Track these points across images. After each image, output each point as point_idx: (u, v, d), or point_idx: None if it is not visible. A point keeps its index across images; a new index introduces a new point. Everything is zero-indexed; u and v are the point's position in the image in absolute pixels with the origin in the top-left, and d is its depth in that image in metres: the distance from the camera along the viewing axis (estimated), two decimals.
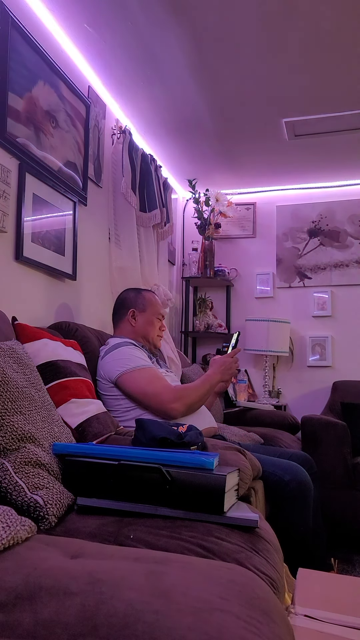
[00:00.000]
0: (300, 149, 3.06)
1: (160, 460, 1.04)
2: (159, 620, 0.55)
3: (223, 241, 3.84)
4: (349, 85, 2.41)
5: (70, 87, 2.15)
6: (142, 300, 2.06)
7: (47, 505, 0.96)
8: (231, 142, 3.01)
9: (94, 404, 1.55)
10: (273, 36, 2.08)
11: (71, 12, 1.96)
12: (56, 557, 0.72)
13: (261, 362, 3.65)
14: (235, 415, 2.95)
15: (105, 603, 0.57)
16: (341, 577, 1.21)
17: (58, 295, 2.10)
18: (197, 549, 0.90)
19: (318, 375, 3.56)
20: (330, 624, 0.92)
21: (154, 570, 0.67)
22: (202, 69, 2.31)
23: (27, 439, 1.07)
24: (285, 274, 3.71)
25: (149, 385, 1.73)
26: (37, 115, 1.90)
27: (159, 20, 1.99)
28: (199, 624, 0.55)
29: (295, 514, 1.67)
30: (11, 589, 0.61)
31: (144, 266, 2.77)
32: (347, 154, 3.13)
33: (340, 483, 2.41)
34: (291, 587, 1.21)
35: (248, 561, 0.91)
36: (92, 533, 0.95)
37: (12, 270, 1.80)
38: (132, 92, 2.51)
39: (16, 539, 0.76)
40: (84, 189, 2.28)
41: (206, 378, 1.83)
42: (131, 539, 0.92)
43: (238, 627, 0.56)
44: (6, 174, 1.71)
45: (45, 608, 0.57)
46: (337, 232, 3.61)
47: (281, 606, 0.71)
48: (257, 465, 1.52)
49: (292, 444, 2.48)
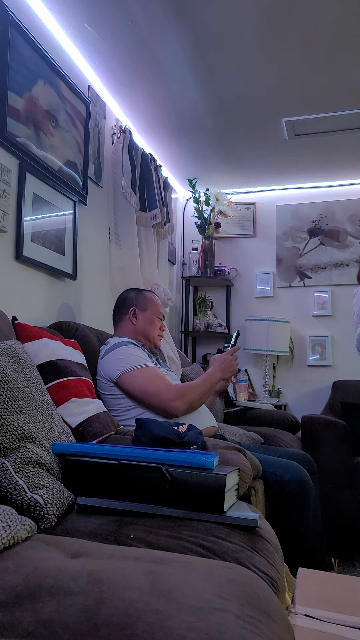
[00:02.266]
0: (300, 148, 3.06)
1: (161, 460, 1.04)
2: (160, 620, 0.55)
3: (223, 241, 3.84)
4: (348, 85, 2.41)
5: (71, 87, 2.15)
6: (143, 299, 2.07)
7: (47, 505, 0.96)
8: (231, 141, 3.01)
9: (94, 403, 1.55)
10: (273, 36, 2.07)
11: (71, 11, 1.96)
12: (56, 557, 0.72)
13: (261, 362, 3.65)
14: (235, 415, 2.95)
15: (105, 603, 0.57)
16: (341, 577, 1.21)
17: (58, 294, 2.10)
18: (198, 548, 0.90)
19: (318, 375, 3.56)
20: (330, 624, 0.92)
21: (154, 569, 0.67)
22: (202, 68, 2.30)
23: (27, 439, 1.07)
24: (285, 274, 3.71)
25: (150, 384, 1.74)
26: (37, 114, 1.90)
27: (159, 20, 1.99)
28: (199, 624, 0.55)
29: (295, 513, 1.67)
30: (11, 589, 0.61)
31: (144, 266, 2.77)
32: (347, 153, 3.13)
33: (340, 482, 2.41)
34: (291, 586, 1.21)
35: (248, 561, 0.91)
36: (92, 532, 0.95)
37: (12, 270, 1.80)
38: (132, 91, 2.51)
39: (16, 539, 0.76)
40: (84, 188, 2.28)
41: (207, 376, 1.84)
42: (131, 539, 0.92)
43: (238, 627, 0.56)
44: (6, 174, 1.71)
45: (46, 607, 0.57)
46: (337, 232, 3.61)
47: (281, 606, 0.71)
48: (257, 464, 1.52)
49: (292, 443, 2.48)
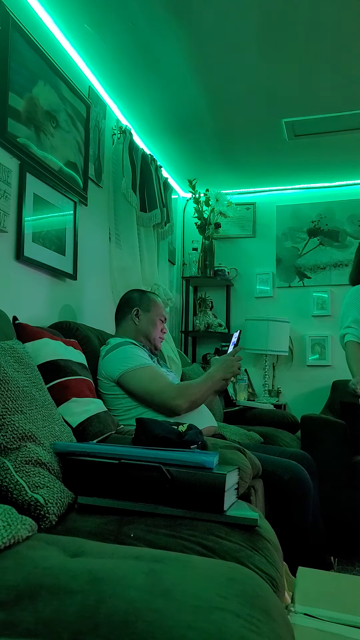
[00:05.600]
0: (300, 149, 3.06)
1: (161, 460, 1.04)
2: (159, 619, 0.55)
3: (223, 241, 3.84)
4: (348, 86, 2.41)
5: (71, 88, 2.15)
6: (146, 300, 2.07)
7: (47, 504, 0.96)
8: (231, 142, 3.01)
9: (94, 403, 1.56)
10: (273, 36, 2.08)
11: (71, 12, 1.96)
12: (57, 556, 0.72)
13: (261, 362, 3.65)
14: (235, 415, 2.96)
15: (105, 602, 0.58)
16: (341, 576, 1.21)
17: (58, 295, 2.11)
18: (197, 547, 0.91)
19: (318, 375, 3.56)
20: (330, 623, 0.92)
21: (154, 568, 0.67)
22: (202, 69, 2.31)
23: (27, 438, 1.07)
24: (285, 274, 3.71)
25: (152, 383, 1.74)
26: (37, 115, 1.90)
27: (159, 21, 1.99)
28: (199, 623, 0.55)
29: (294, 512, 1.67)
30: (12, 588, 0.61)
31: (144, 266, 2.77)
32: (347, 154, 3.13)
33: (339, 482, 2.41)
34: (291, 585, 1.21)
35: (248, 560, 0.91)
36: (92, 532, 0.95)
37: (13, 270, 1.80)
38: (133, 92, 2.51)
39: (17, 538, 0.77)
40: (85, 189, 2.28)
41: (208, 375, 1.84)
42: (131, 538, 0.93)
43: (238, 626, 0.56)
44: (7, 174, 1.71)
45: (46, 607, 0.58)
46: (337, 232, 3.61)
47: (281, 605, 0.71)
48: (257, 464, 1.52)
49: (291, 443, 2.49)
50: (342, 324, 2.45)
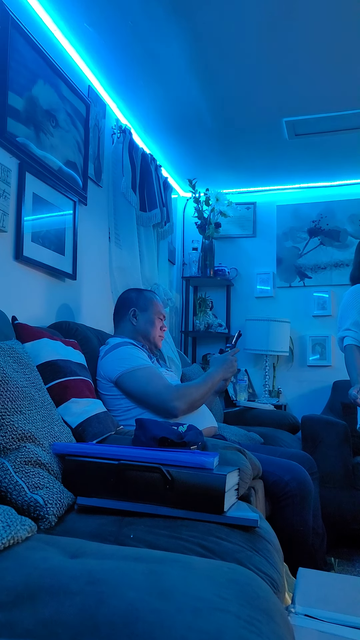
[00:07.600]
0: (300, 148, 3.06)
1: (161, 460, 1.04)
2: (159, 620, 0.55)
3: (223, 241, 3.83)
4: (349, 85, 2.41)
5: (71, 87, 2.15)
6: (143, 299, 2.06)
7: (47, 505, 0.96)
8: (231, 141, 3.01)
9: (94, 403, 1.55)
10: (273, 36, 2.07)
11: (71, 11, 1.96)
12: (56, 557, 0.72)
13: (261, 362, 3.65)
14: (235, 415, 2.95)
15: (105, 602, 0.57)
16: (341, 577, 1.21)
17: (58, 295, 2.10)
18: (197, 548, 0.90)
19: (318, 375, 3.56)
20: (330, 624, 0.92)
21: (154, 569, 0.67)
22: (202, 68, 2.30)
23: (27, 439, 1.07)
24: (285, 274, 3.71)
25: (150, 384, 1.74)
26: (37, 114, 1.90)
27: (160, 20, 1.99)
28: (199, 624, 0.55)
29: (295, 513, 1.67)
30: (11, 589, 0.61)
31: (144, 266, 2.77)
32: (347, 153, 3.12)
33: (340, 483, 2.40)
34: (291, 586, 1.21)
35: (248, 561, 0.91)
36: (92, 533, 0.95)
37: (12, 270, 1.80)
38: (132, 91, 2.51)
39: (16, 539, 0.76)
40: (84, 188, 2.28)
41: (207, 376, 1.84)
42: (131, 539, 0.92)
43: (238, 627, 0.56)
44: (6, 174, 1.71)
45: (46, 607, 0.57)
46: (337, 232, 3.61)
47: (281, 606, 0.71)
48: (257, 465, 1.52)
49: (292, 443, 2.48)
50: (340, 325, 2.29)
